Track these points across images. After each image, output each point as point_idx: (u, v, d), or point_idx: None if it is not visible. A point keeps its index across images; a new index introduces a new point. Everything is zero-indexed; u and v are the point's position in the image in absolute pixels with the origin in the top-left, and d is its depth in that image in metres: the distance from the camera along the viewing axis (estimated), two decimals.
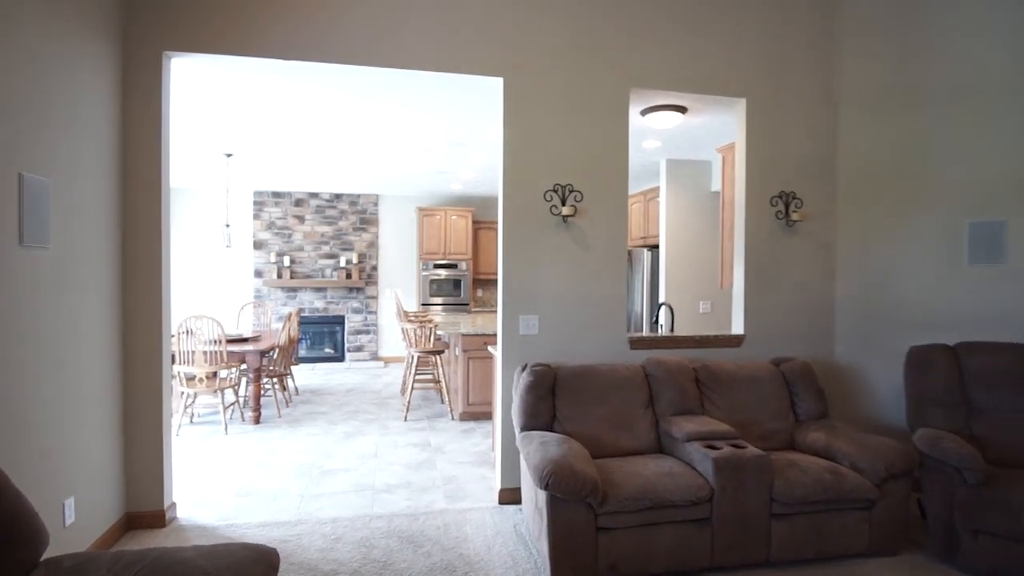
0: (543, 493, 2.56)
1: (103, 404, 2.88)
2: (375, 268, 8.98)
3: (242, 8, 3.14)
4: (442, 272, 8.69)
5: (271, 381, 5.81)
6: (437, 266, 8.67)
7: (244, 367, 5.66)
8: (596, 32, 3.52)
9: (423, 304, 8.64)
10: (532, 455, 2.66)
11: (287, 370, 6.09)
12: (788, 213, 3.78)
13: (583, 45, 3.51)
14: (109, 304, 2.95)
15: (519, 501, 3.43)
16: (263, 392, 6.14)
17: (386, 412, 5.83)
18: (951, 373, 3.20)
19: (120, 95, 3.04)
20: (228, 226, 6.23)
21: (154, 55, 3.10)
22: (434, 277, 8.66)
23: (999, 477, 2.70)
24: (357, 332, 8.95)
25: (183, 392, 5.01)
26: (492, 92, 3.87)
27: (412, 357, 5.84)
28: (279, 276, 8.55)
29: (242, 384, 6.30)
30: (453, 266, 8.73)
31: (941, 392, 3.17)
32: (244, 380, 6.22)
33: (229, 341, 5.52)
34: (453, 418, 5.55)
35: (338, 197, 8.85)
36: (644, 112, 4.11)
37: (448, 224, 8.71)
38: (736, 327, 3.84)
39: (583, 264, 3.54)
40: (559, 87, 3.49)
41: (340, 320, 8.92)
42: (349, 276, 8.76)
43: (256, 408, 5.33)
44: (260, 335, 6.28)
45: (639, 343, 3.61)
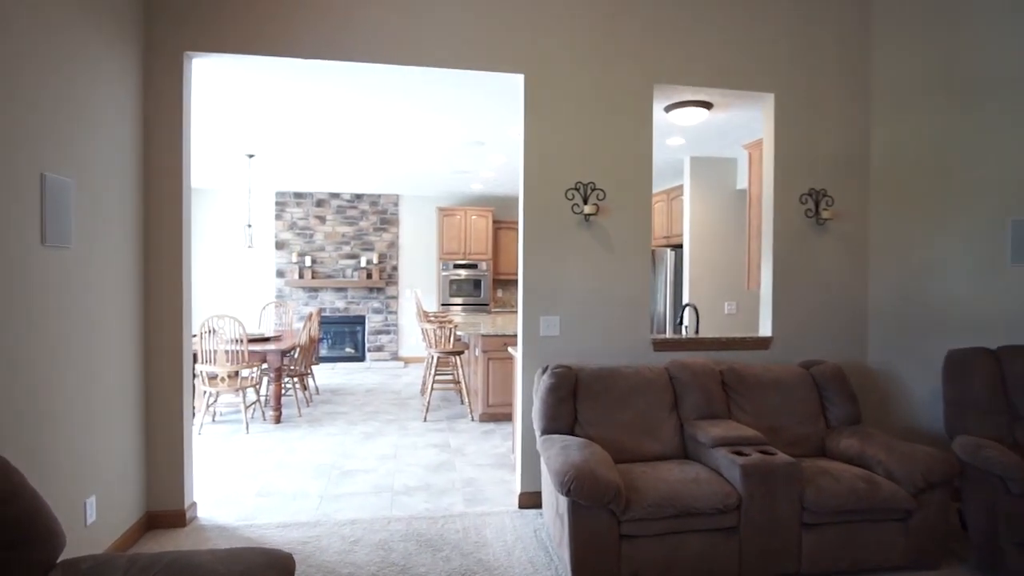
0: (564, 499, 2.49)
1: (124, 403, 2.89)
2: (395, 268, 8.99)
3: (262, 8, 3.13)
4: (462, 272, 8.66)
5: (292, 381, 5.83)
6: (457, 266, 8.65)
7: (265, 366, 5.68)
8: (619, 26, 3.45)
9: (443, 304, 8.62)
10: (553, 460, 2.59)
11: (308, 370, 6.11)
12: (818, 211, 3.65)
13: (606, 40, 3.44)
14: (131, 304, 2.96)
15: (539, 505, 3.36)
16: (284, 391, 6.17)
17: (406, 412, 5.81)
18: (992, 378, 3.05)
19: (142, 95, 3.05)
20: (250, 226, 6.28)
21: (175, 55, 3.11)
22: (454, 277, 8.64)
23: None
24: (377, 332, 8.97)
25: (205, 391, 5.05)
26: (512, 89, 3.81)
27: (432, 357, 5.81)
28: (300, 276, 8.61)
29: (263, 383, 6.33)
30: (473, 266, 8.70)
31: (982, 398, 3.03)
32: (265, 379, 6.25)
33: (250, 341, 5.56)
34: (473, 419, 5.50)
35: (359, 197, 8.88)
36: (668, 108, 4.02)
37: (468, 224, 8.68)
38: (764, 329, 3.73)
39: (605, 264, 3.46)
40: (581, 83, 3.42)
41: (361, 320, 8.95)
42: (370, 276, 8.78)
43: (277, 407, 5.35)
44: (281, 335, 6.31)
45: (663, 345, 3.52)
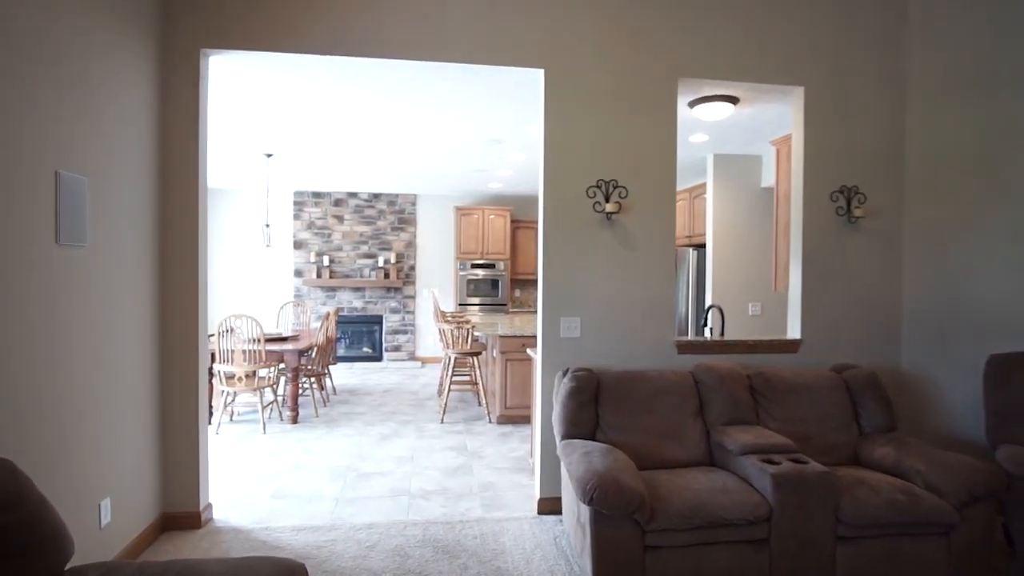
0: (586, 507, 2.40)
1: (140, 404, 2.86)
2: (413, 268, 8.95)
3: (279, 5, 3.08)
4: (480, 272, 8.59)
5: (309, 380, 5.80)
6: (475, 266, 8.58)
7: (283, 366, 5.66)
8: (642, 18, 3.34)
9: (460, 304, 8.56)
10: (575, 467, 2.50)
11: (325, 369, 6.09)
12: (850, 209, 3.51)
13: (629, 32, 3.33)
14: (146, 303, 2.93)
15: (559, 511, 3.27)
16: (301, 391, 6.15)
17: (423, 414, 5.75)
18: None
19: (158, 93, 3.02)
20: (268, 226, 6.27)
21: (192, 53, 3.08)
22: (471, 277, 8.58)
23: None
24: (395, 332, 8.94)
25: (223, 391, 5.04)
26: (532, 84, 3.72)
27: (449, 358, 5.75)
28: (318, 276, 8.61)
29: (280, 383, 6.32)
30: (491, 266, 8.63)
31: None
32: (283, 379, 6.23)
33: (268, 340, 5.54)
34: (490, 421, 5.42)
35: (376, 197, 8.86)
36: (692, 104, 3.90)
37: (486, 223, 8.61)
38: (792, 331, 3.59)
39: (628, 263, 3.36)
40: (603, 77, 3.32)
41: (378, 320, 8.93)
42: (387, 276, 8.75)
43: (294, 408, 5.32)
44: (299, 334, 6.30)
45: (687, 347, 3.41)
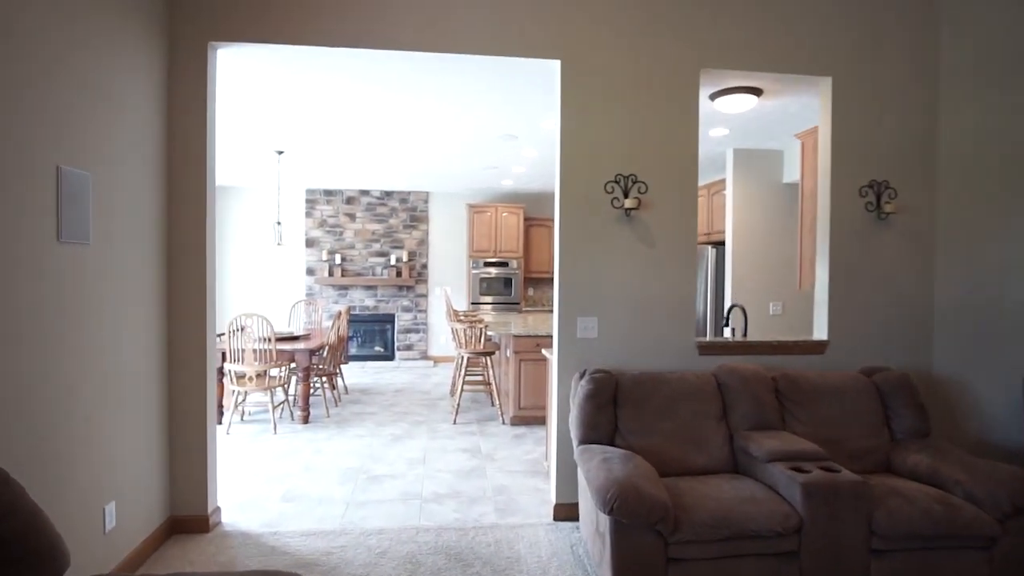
0: (606, 517, 2.29)
1: (146, 405, 2.79)
2: (425, 266, 8.87)
3: None
4: (492, 270, 8.49)
5: (320, 380, 5.74)
6: (487, 264, 8.49)
7: (294, 366, 5.60)
8: (662, 6, 3.21)
9: (473, 303, 8.47)
10: (594, 474, 2.39)
11: (336, 369, 6.02)
12: (879, 205, 3.36)
13: (648, 21, 3.21)
14: (153, 302, 2.86)
15: (576, 518, 3.16)
16: (312, 391, 6.09)
17: (435, 414, 5.67)
18: None
19: (166, 87, 2.95)
20: (279, 224, 6.22)
21: (200, 46, 3.00)
22: (484, 275, 8.48)
23: None
24: (407, 331, 8.87)
25: (234, 390, 4.98)
26: (547, 78, 3.61)
27: (462, 358, 5.66)
28: (330, 274, 8.56)
29: (292, 383, 6.27)
30: (504, 264, 8.52)
31: None
32: (294, 379, 6.18)
33: (279, 339, 5.48)
34: (503, 422, 5.33)
35: (388, 194, 8.79)
36: (714, 96, 3.76)
37: (499, 221, 8.51)
38: (818, 332, 3.45)
39: (647, 261, 3.24)
40: (622, 68, 3.20)
41: (390, 318, 8.86)
42: (399, 274, 8.68)
43: (305, 408, 5.26)
44: (311, 333, 6.24)
45: (709, 348, 3.28)
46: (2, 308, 1.86)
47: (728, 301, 5.55)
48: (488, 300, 8.48)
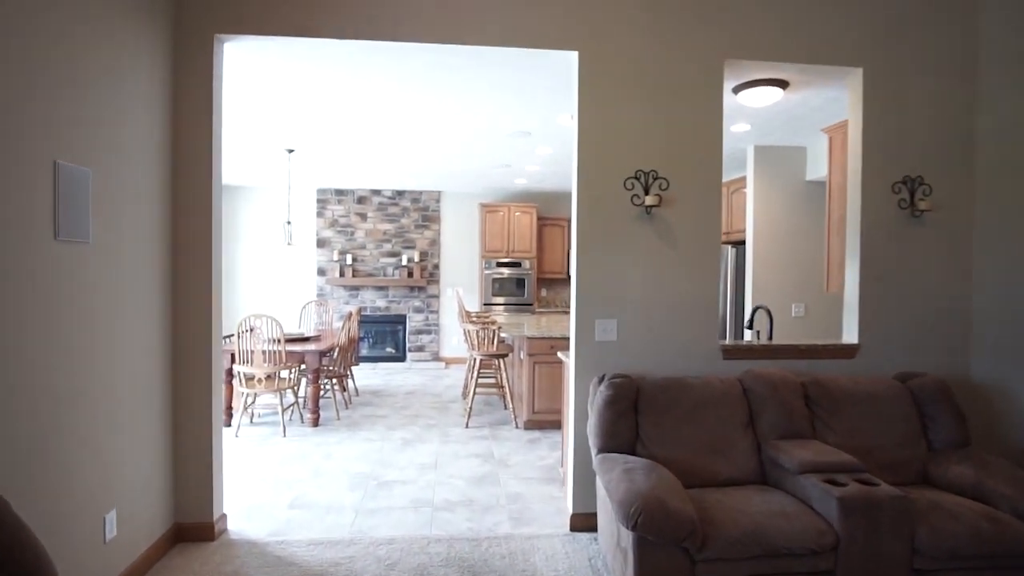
0: (629, 532, 2.15)
1: (149, 411, 2.70)
2: (437, 266, 8.77)
3: None
4: (505, 271, 8.37)
5: (330, 382, 5.65)
6: (500, 264, 8.36)
7: (304, 367, 5.52)
8: None
9: (485, 304, 8.35)
10: (615, 486, 2.26)
11: (347, 371, 5.93)
12: (913, 202, 3.19)
13: (671, 10, 3.07)
14: (157, 302, 2.76)
15: (594, 528, 3.03)
16: (322, 393, 6.01)
17: (447, 417, 5.56)
18: None
19: (171, 81, 2.86)
20: (289, 223, 6.14)
21: (206, 39, 2.91)
22: (497, 276, 8.35)
23: None
24: (418, 332, 8.77)
25: (243, 392, 4.90)
26: (563, 71, 3.48)
27: (474, 360, 5.54)
28: (341, 274, 8.49)
29: (301, 384, 6.18)
30: (517, 264, 8.39)
31: None
32: (303, 380, 6.10)
33: (288, 340, 5.40)
34: (517, 426, 5.20)
35: (400, 194, 8.70)
36: (737, 89, 3.61)
37: (511, 220, 8.38)
38: (848, 335, 3.29)
39: (669, 261, 3.10)
40: (643, 59, 3.06)
41: (402, 319, 8.77)
42: (411, 275, 8.58)
43: (315, 410, 5.17)
44: (321, 334, 6.16)
45: (734, 352, 3.13)
46: None
47: (749, 302, 5.39)
48: (500, 301, 8.36)
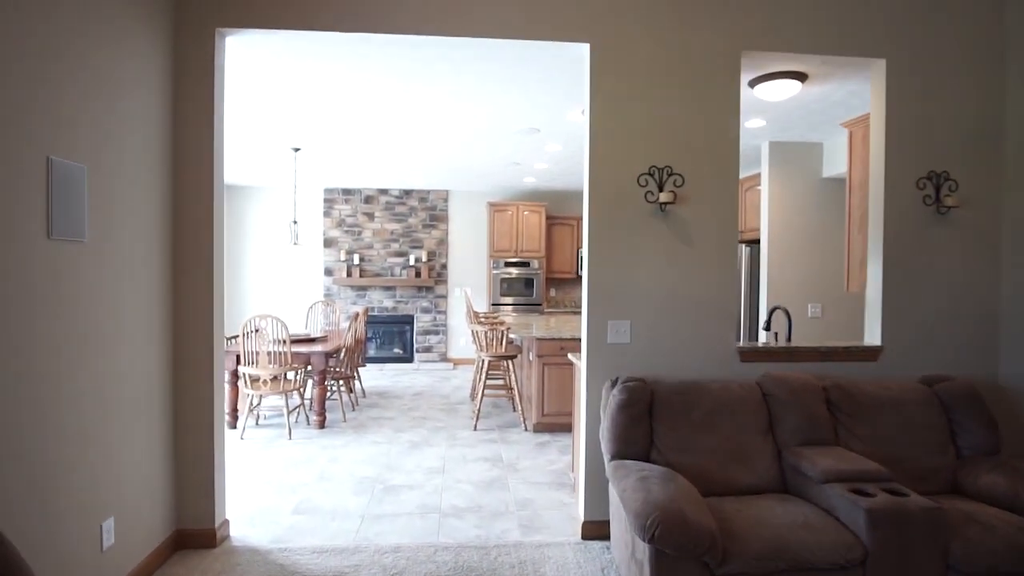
0: (645, 544, 2.05)
1: (150, 413, 2.63)
2: (444, 266, 8.69)
3: None
4: (514, 271, 8.27)
5: (336, 383, 5.58)
6: (508, 264, 8.27)
7: (310, 369, 5.45)
8: None
9: (494, 304, 8.25)
10: (630, 495, 2.15)
11: (353, 372, 5.85)
12: (939, 198, 3.07)
13: (685, 0, 2.96)
14: (157, 302, 2.69)
15: (606, 537, 2.93)
16: (329, 394, 5.94)
17: (455, 419, 5.47)
18: None
19: (171, 76, 2.79)
20: (296, 223, 6.08)
21: (207, 33, 2.83)
22: (505, 276, 8.26)
23: None
24: (426, 332, 8.69)
25: (248, 394, 4.84)
26: (573, 65, 3.38)
27: (482, 361, 5.45)
28: (348, 275, 8.42)
29: (307, 386, 6.11)
30: (525, 264, 8.30)
31: None
32: (309, 382, 6.03)
33: (294, 341, 5.33)
34: (526, 429, 5.10)
35: (407, 193, 8.62)
36: (753, 83, 3.50)
37: (520, 220, 8.28)
38: (870, 337, 3.17)
39: (685, 260, 2.99)
40: (656, 51, 2.96)
41: (409, 320, 8.69)
42: (418, 275, 8.51)
43: (320, 412, 5.10)
44: (328, 335, 6.08)
45: (752, 355, 3.02)
46: None
47: (764, 302, 5.26)
48: (509, 301, 8.26)
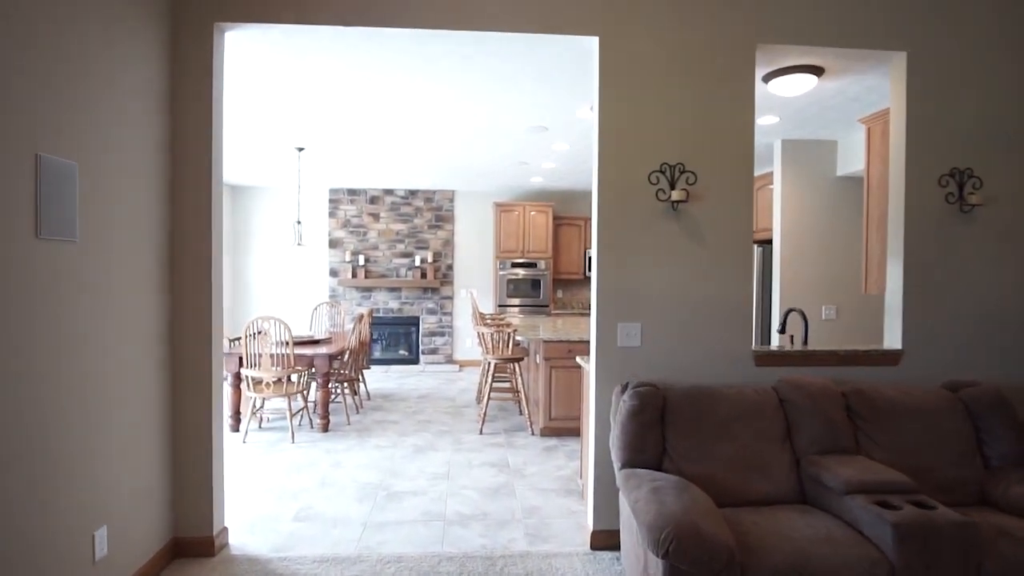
0: (658, 559, 1.95)
1: (145, 418, 2.55)
2: (450, 267, 8.61)
3: None
4: (520, 272, 8.18)
5: (340, 386, 5.50)
6: (515, 265, 8.17)
7: (313, 371, 5.37)
8: None
9: (500, 305, 8.16)
10: (643, 507, 2.05)
11: (357, 374, 5.77)
12: (962, 196, 2.95)
13: None
14: (152, 304, 2.61)
15: (617, 547, 2.83)
16: (332, 397, 5.86)
17: (460, 423, 5.37)
18: None
19: (168, 73, 2.71)
20: (299, 223, 6.01)
21: (205, 27, 2.76)
22: (511, 277, 8.17)
23: None
24: (432, 334, 8.61)
25: (251, 397, 4.77)
26: (582, 59, 3.29)
27: (488, 364, 5.35)
28: (353, 275, 8.36)
29: (311, 388, 6.04)
30: (532, 265, 8.20)
31: None
32: (313, 384, 5.95)
33: (298, 343, 5.25)
34: (533, 433, 5.00)
35: (413, 194, 8.55)
36: (767, 77, 3.39)
37: (527, 220, 8.19)
38: (890, 340, 3.06)
39: (697, 260, 2.89)
40: (668, 44, 2.86)
41: (415, 321, 8.61)
42: (424, 276, 8.43)
43: (324, 415, 5.02)
44: (332, 337, 6.01)
45: (767, 359, 2.92)
46: None
47: (776, 304, 5.14)
48: (515, 302, 8.17)
